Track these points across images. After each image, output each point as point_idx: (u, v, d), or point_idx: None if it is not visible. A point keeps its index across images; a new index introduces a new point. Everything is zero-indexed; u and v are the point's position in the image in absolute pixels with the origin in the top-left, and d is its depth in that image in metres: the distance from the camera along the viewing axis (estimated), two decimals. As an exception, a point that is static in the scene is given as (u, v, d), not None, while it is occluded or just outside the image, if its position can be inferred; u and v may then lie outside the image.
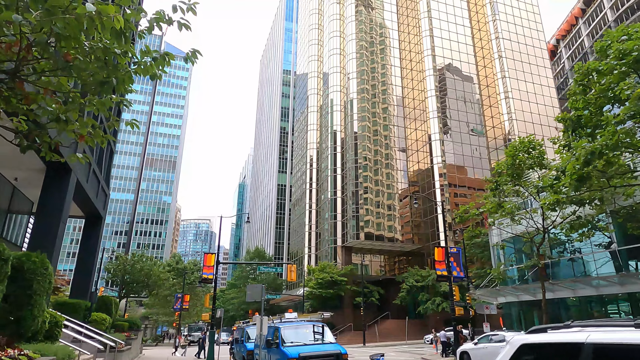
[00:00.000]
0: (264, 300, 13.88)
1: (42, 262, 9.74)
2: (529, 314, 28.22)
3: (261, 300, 13.91)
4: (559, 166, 14.79)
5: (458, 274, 26.64)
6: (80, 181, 22.26)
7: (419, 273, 55.68)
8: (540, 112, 67.92)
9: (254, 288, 14.53)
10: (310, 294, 58.51)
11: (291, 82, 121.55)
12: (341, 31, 76.38)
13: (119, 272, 43.25)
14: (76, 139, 5.80)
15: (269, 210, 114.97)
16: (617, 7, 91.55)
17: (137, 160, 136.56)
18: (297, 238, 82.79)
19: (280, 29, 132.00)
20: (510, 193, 20.73)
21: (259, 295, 13.95)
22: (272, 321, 15.37)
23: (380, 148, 66.15)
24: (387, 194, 64.17)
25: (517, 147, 20.29)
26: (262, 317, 12.61)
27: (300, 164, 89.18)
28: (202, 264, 29.81)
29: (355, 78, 68.47)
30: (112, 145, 30.68)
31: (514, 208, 20.22)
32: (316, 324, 14.85)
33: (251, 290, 14.46)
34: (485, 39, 73.65)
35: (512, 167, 20.31)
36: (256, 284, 14.52)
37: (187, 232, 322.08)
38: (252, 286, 14.78)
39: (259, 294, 13.92)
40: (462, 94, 68.99)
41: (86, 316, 19.29)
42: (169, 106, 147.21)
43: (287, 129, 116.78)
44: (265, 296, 13.44)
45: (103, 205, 31.02)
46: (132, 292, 45.57)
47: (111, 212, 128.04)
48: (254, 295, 14.13)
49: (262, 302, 13.86)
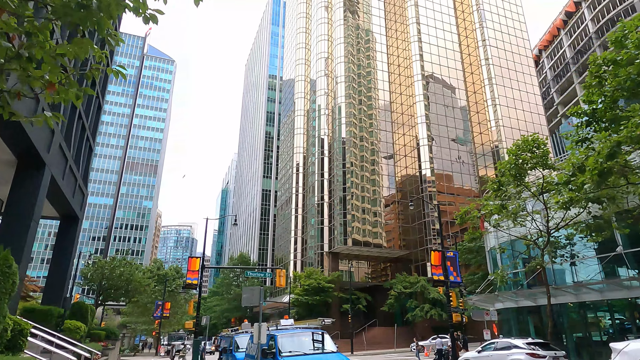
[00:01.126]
0: (262, 304, 12.53)
1: (5, 259, 8.28)
2: (524, 320, 27.45)
3: (259, 304, 12.54)
4: (576, 161, 13.99)
5: (455, 278, 25.71)
6: (55, 177, 20.56)
7: (407, 279, 54.80)
8: (527, 119, 68.39)
9: (251, 291, 13.07)
10: (296, 300, 57.02)
11: (277, 87, 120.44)
12: (329, 35, 75.81)
13: (97, 278, 40.69)
14: (42, 88, 4.39)
15: (253, 215, 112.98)
16: (598, 19, 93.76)
17: (116, 163, 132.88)
18: (283, 244, 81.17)
19: (266, 33, 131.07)
20: (513, 194, 19.92)
21: (257, 298, 12.52)
22: (267, 328, 14.05)
23: (367, 153, 65.43)
24: (375, 200, 63.34)
25: (520, 146, 19.53)
26: (260, 324, 11.26)
27: (286, 169, 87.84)
28: (187, 269, 28.16)
29: (343, 82, 67.77)
30: (91, 140, 28.89)
31: (518, 209, 19.35)
32: (315, 331, 13.60)
33: (248, 293, 13.01)
34: (473, 45, 74.08)
35: (515, 167, 19.53)
36: (253, 287, 13.04)
37: (167, 239, 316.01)
38: (249, 289, 13.27)
39: (257, 298, 12.51)
40: (450, 100, 69.02)
41: (59, 324, 17.56)
42: (151, 109, 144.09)
43: (273, 134, 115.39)
44: (264, 301, 12.06)
45: (80, 206, 29.12)
46: (110, 299, 42.93)
47: (89, 217, 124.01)
48: (251, 298, 12.67)
49: (260, 307, 12.49)
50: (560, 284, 23.50)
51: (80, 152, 27.08)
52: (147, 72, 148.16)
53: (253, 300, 12.54)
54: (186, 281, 27.43)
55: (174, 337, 61.30)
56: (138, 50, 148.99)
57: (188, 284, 27.59)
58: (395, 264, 64.70)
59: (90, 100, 27.84)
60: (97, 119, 30.63)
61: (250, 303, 12.65)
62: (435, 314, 49.29)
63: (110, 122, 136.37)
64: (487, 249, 29.22)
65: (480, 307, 29.90)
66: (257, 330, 11.05)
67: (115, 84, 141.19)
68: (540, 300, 22.92)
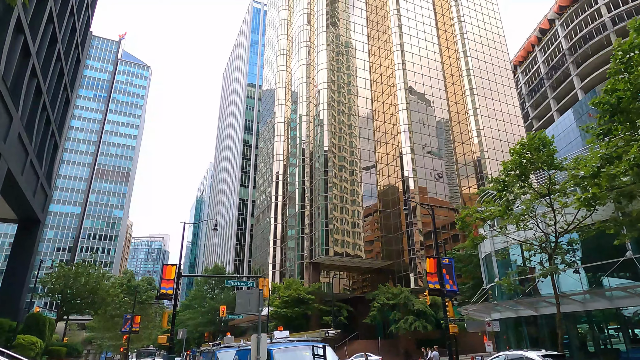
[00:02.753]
0: (261, 312, 10.52)
1: None
2: (518, 331, 26.27)
3: (258, 311, 10.54)
4: (604, 154, 12.84)
5: (451, 287, 24.31)
6: (13, 171, 18.07)
7: (390, 290, 53.26)
8: (507, 129, 68.89)
9: (247, 295, 10.89)
10: (275, 313, 54.51)
11: (256, 95, 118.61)
12: (311, 42, 74.85)
13: (59, 286, 36.75)
14: None
15: (230, 226, 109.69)
16: (571, 36, 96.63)
17: (86, 170, 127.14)
18: (260, 254, 78.50)
19: (245, 41, 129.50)
20: (519, 194, 18.72)
21: (255, 303, 10.47)
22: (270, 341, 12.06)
23: (348, 163, 64.16)
24: (356, 210, 61.89)
25: (525, 144, 18.42)
26: (259, 336, 9.30)
27: (265, 177, 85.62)
28: (160, 278, 25.70)
29: (325, 89, 66.62)
30: (56, 135, 26.30)
31: (527, 210, 18.12)
32: (316, 344, 11.73)
33: (243, 298, 10.82)
34: (454, 57, 74.60)
35: (520, 166, 18.39)
36: (250, 290, 10.89)
37: (138, 250, 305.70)
38: (244, 293, 11.01)
39: (254, 303, 10.43)
40: (432, 110, 68.81)
41: (10, 339, 15.03)
42: (124, 115, 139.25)
43: (251, 142, 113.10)
44: (263, 306, 10.07)
45: (42, 208, 26.35)
46: (73, 311, 38.78)
47: (54, 226, 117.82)
48: (246, 304, 10.57)
49: (259, 314, 10.50)
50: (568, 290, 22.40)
51: (44, 147, 24.49)
52: (120, 77, 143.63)
53: (250, 305, 10.45)
54: (160, 291, 24.99)
55: (143, 353, 57.36)
56: (111, 54, 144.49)
57: (162, 294, 25.14)
58: (377, 275, 63.19)
59: (57, 91, 25.38)
60: (64, 113, 28.07)
61: (246, 310, 10.56)
62: (420, 326, 47.78)
63: (80, 127, 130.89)
64: (482, 256, 27.99)
65: (475, 317, 28.53)
66: (256, 344, 9.08)
67: (86, 88, 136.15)
68: (544, 310, 21.68)
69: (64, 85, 26.44)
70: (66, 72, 26.35)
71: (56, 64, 24.17)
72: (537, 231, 19.25)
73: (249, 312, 10.61)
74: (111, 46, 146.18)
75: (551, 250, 17.91)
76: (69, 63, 26.88)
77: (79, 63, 30.02)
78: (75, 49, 28.28)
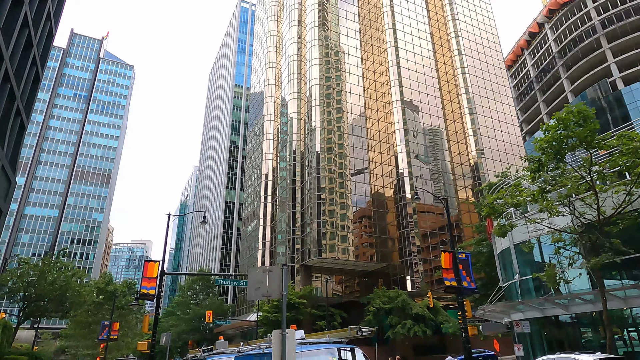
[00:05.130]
0: (285, 295, 7.54)
1: None
2: (537, 334, 23.96)
3: (281, 294, 7.62)
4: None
5: (469, 284, 21.87)
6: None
7: (387, 294, 50.65)
8: (503, 129, 67.53)
9: (263, 275, 7.33)
10: (264, 318, 51.42)
11: (243, 95, 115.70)
12: (302, 38, 72.56)
13: (21, 285, 32.37)
14: None
15: (215, 229, 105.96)
16: (561, 40, 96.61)
17: (64, 172, 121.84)
18: (248, 257, 75.20)
19: (233, 40, 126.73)
20: (558, 174, 16.44)
21: (277, 285, 7.35)
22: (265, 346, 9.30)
23: (341, 161, 61.71)
24: (349, 211, 59.34)
25: (563, 119, 16.18)
26: (284, 332, 6.48)
27: (253, 177, 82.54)
28: (141, 276, 22.62)
29: (317, 85, 64.22)
30: (23, 114, 23.12)
31: (572, 189, 15.75)
32: (343, 346, 9.06)
33: (257, 278, 7.38)
34: (448, 55, 73.19)
35: (557, 144, 16.13)
36: (269, 267, 7.76)
37: (119, 257, 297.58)
38: (258, 272, 7.68)
39: (276, 284, 7.36)
40: (427, 108, 66.95)
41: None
42: (105, 115, 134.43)
43: (238, 143, 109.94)
44: (286, 289, 7.10)
45: (5, 196, 23.10)
46: (37, 314, 34.18)
47: (29, 230, 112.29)
48: (263, 287, 7.40)
49: (283, 299, 7.57)
50: (577, 290, 20.19)
51: (7, 125, 21.32)
52: (102, 76, 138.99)
53: (269, 288, 7.41)
54: (141, 291, 21.89)
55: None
56: (93, 52, 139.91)
57: (143, 295, 22.04)
58: (371, 278, 60.63)
59: (24, 63, 22.28)
60: (32, 91, 24.91)
61: (264, 294, 7.43)
62: (419, 331, 45.27)
63: (59, 127, 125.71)
64: (497, 251, 25.65)
65: (491, 320, 26.18)
66: (280, 345, 6.19)
67: (66, 86, 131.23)
68: (574, 309, 19.38)
69: (32, 59, 23.34)
70: (35, 44, 23.28)
71: (23, 29, 21.15)
72: (573, 219, 16.96)
73: (266, 297, 7.68)
74: (93, 44, 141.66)
75: (595, 238, 15.63)
76: (39, 33, 23.82)
77: (51, 37, 26.93)
78: (47, 19, 25.25)
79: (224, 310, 72.04)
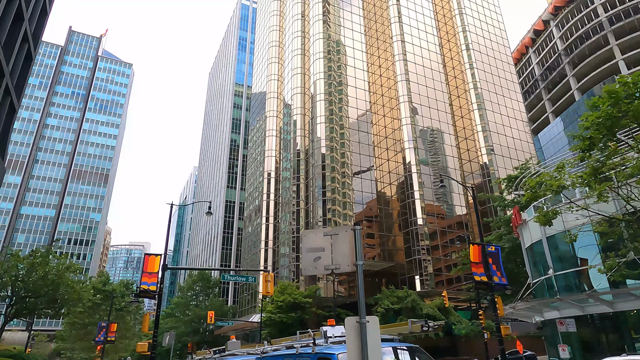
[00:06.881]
0: (361, 267, 5.47)
1: None
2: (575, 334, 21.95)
3: (356, 264, 5.57)
4: None
5: (500, 279, 20.04)
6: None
7: (395, 294, 48.71)
8: (512, 125, 65.83)
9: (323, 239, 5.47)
10: (268, 319, 49.43)
11: (244, 93, 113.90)
12: (305, 32, 70.84)
13: (8, 279, 30.42)
14: None
15: (215, 229, 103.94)
16: (567, 37, 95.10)
17: (61, 171, 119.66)
18: (250, 257, 73.22)
19: (233, 38, 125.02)
20: (611, 155, 14.65)
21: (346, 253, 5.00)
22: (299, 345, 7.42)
23: (347, 157, 59.90)
24: (354, 208, 57.49)
25: (618, 90, 14.38)
26: (362, 320, 4.52)
27: (255, 175, 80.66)
28: (142, 271, 20.71)
29: (322, 79, 62.44)
30: (12, 94, 21.21)
31: (637, 169, 13.86)
32: (399, 345, 7.22)
33: (311, 242, 5.54)
34: (455, 50, 71.59)
35: (611, 118, 14.34)
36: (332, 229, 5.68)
37: (117, 259, 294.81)
38: (318, 234, 5.67)
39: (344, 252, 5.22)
40: (434, 103, 65.24)
41: None
42: (104, 114, 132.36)
43: (239, 142, 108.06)
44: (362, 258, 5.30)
45: (-7, 182, 21.19)
46: (26, 312, 31.68)
47: (25, 229, 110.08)
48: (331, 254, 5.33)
49: (358, 271, 5.43)
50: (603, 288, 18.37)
51: (-6, 103, 19.49)
52: (101, 75, 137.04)
53: (335, 256, 5.34)
54: (141, 287, 19.98)
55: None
56: (92, 50, 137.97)
57: (143, 291, 20.12)
58: (377, 278, 58.72)
59: (14, 36, 20.40)
60: (24, 70, 23.03)
61: (328, 267, 5.32)
62: (432, 333, 43.29)
63: (57, 125, 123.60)
64: (526, 245, 23.80)
65: (519, 317, 24.37)
66: (357, 336, 4.21)
67: (64, 85, 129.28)
68: (620, 305, 17.55)
69: (23, 33, 21.47)
70: (27, 18, 21.43)
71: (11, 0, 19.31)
72: (621, 206, 15.16)
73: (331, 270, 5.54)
74: (91, 42, 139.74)
75: None
76: (31, 6, 21.97)
77: (45, 15, 25.08)
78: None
79: (224, 311, 70.03)
